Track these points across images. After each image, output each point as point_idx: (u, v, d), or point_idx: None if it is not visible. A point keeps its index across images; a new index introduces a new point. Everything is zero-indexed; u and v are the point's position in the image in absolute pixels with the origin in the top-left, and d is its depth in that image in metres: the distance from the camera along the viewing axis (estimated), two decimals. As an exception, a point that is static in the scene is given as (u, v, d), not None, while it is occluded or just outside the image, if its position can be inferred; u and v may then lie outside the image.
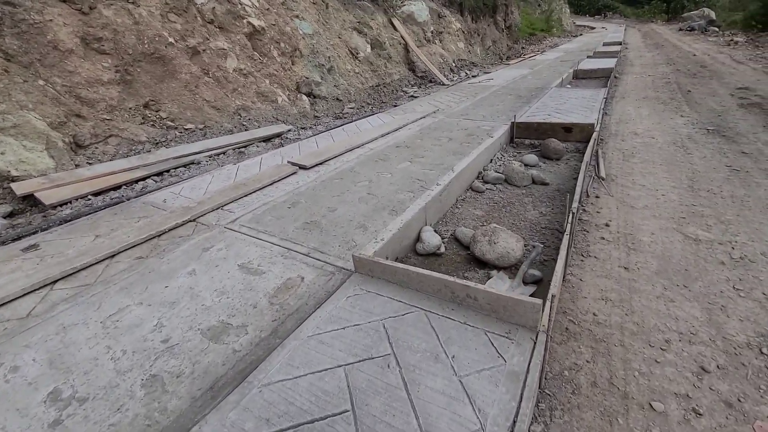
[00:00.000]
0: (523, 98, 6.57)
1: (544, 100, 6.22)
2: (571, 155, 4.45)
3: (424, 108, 6.01)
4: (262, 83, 6.23)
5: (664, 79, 9.05)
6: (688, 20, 27.64)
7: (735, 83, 8.12)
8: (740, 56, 11.88)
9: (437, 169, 3.46)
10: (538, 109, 5.64)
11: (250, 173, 3.48)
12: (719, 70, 9.74)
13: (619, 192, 3.48)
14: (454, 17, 14.40)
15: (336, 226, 2.52)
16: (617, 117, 6.01)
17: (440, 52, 12.46)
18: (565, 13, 34.92)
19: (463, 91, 7.84)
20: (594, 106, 5.61)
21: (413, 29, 11.45)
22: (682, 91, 7.70)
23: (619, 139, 4.97)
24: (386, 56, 9.78)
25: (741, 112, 5.95)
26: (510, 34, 21.14)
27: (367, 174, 3.38)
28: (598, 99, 6.13)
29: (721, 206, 3.14)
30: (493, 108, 5.85)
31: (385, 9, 10.72)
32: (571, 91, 6.93)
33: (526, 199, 3.43)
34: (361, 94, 8.23)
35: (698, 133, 5.03)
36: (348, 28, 9.03)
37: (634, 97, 7.40)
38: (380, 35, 9.82)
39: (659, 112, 6.15)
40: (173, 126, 5.08)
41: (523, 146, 4.80)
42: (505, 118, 5.19)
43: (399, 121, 5.17)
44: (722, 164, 3.99)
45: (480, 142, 4.20)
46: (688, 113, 6.02)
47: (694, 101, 6.77)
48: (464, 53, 14.07)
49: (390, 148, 4.07)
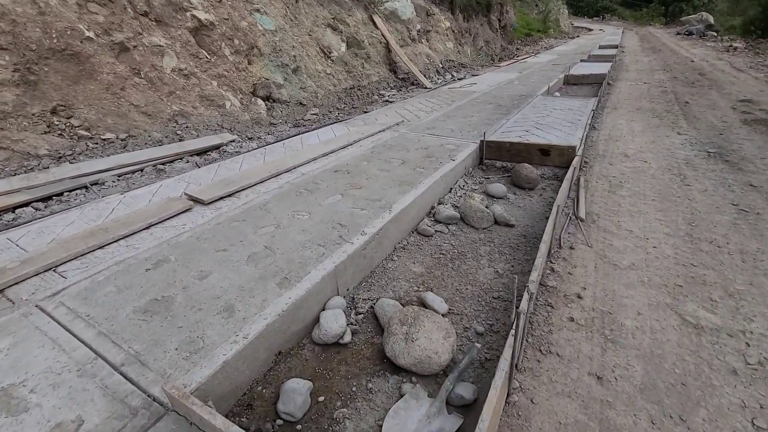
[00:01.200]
0: (503, 108, 5.81)
1: (525, 112, 5.45)
2: (547, 183, 3.69)
3: (389, 118, 5.23)
4: (207, 85, 5.43)
5: (661, 88, 8.30)
6: (687, 24, 26.87)
7: (736, 94, 7.38)
8: (740, 63, 11.14)
9: (372, 207, 2.70)
10: (516, 122, 4.88)
11: (133, 208, 2.70)
12: (719, 79, 8.99)
13: (600, 241, 2.74)
14: (443, 15, 13.57)
15: (193, 307, 1.76)
16: (606, 132, 5.26)
17: (427, 52, 11.65)
18: (563, 14, 34.05)
19: (440, 97, 7.05)
20: (580, 121, 4.85)
21: (397, 27, 10.64)
22: (679, 102, 6.96)
23: (607, 161, 4.22)
24: (364, 56, 8.98)
25: (745, 129, 5.22)
26: (505, 34, 20.31)
27: (279, 214, 2.61)
28: (585, 111, 5.37)
29: (728, 267, 2.41)
30: (466, 120, 5.08)
31: (365, 5, 9.89)
32: (558, 101, 6.17)
33: (482, 249, 2.68)
34: (330, 97, 7.43)
35: (698, 156, 4.29)
36: (321, 25, 8.21)
37: (627, 108, 6.65)
38: (358, 33, 9.01)
39: (654, 128, 5.40)
40: (87, 136, 4.29)
41: (493, 169, 4.05)
42: (477, 133, 4.43)
43: (353, 135, 4.40)
44: (727, 201, 3.25)
45: (438, 166, 3.44)
46: (686, 130, 5.28)
47: (692, 115, 6.02)
48: (453, 54, 13.26)
49: (326, 174, 3.30)
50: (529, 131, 4.43)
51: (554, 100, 6.22)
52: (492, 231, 2.89)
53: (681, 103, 6.84)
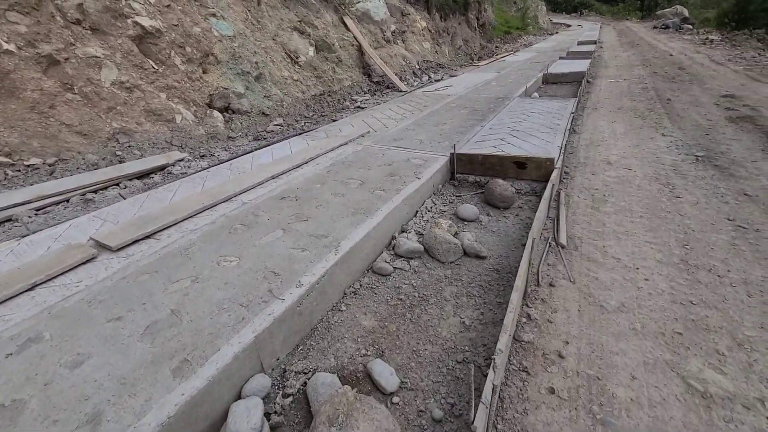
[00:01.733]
0: (479, 113, 5.42)
1: (501, 116, 5.07)
2: (525, 200, 3.31)
3: (354, 129, 4.80)
4: (154, 98, 4.92)
5: (641, 84, 8.04)
6: (663, 18, 27.03)
7: (718, 89, 7.15)
8: (718, 56, 11.00)
9: (316, 246, 2.27)
10: (492, 129, 4.49)
11: (24, 260, 2.22)
12: (699, 73, 8.79)
13: (584, 273, 2.35)
14: (419, 15, 13.20)
15: (47, 417, 1.30)
16: (588, 136, 4.91)
17: (402, 54, 11.25)
18: (542, 11, 34.05)
19: (413, 101, 6.64)
20: (559, 126, 4.49)
21: (370, 29, 10.21)
22: (661, 99, 6.68)
23: (589, 171, 3.86)
24: (335, 60, 8.53)
25: (731, 128, 4.93)
26: (483, 32, 20.05)
27: (202, 261, 2.16)
28: (564, 115, 5.02)
29: (732, 304, 2.04)
30: (438, 129, 4.68)
31: (335, 6, 9.44)
32: (536, 103, 5.81)
33: (448, 290, 2.27)
34: (297, 105, 6.97)
35: (685, 161, 3.96)
36: (287, 29, 7.73)
37: (608, 107, 6.34)
38: (328, 36, 8.55)
39: (636, 129, 5.08)
40: (7, 162, 3.76)
41: (465, 185, 3.65)
42: (448, 144, 4.02)
43: (311, 151, 3.95)
44: (722, 216, 2.90)
45: (401, 187, 3.02)
46: (671, 130, 4.97)
47: (675, 114, 5.73)
48: (430, 54, 12.90)
49: (270, 203, 2.85)
50: (505, 139, 4.04)
51: (532, 103, 5.86)
52: (461, 265, 2.48)
53: (663, 101, 6.56)
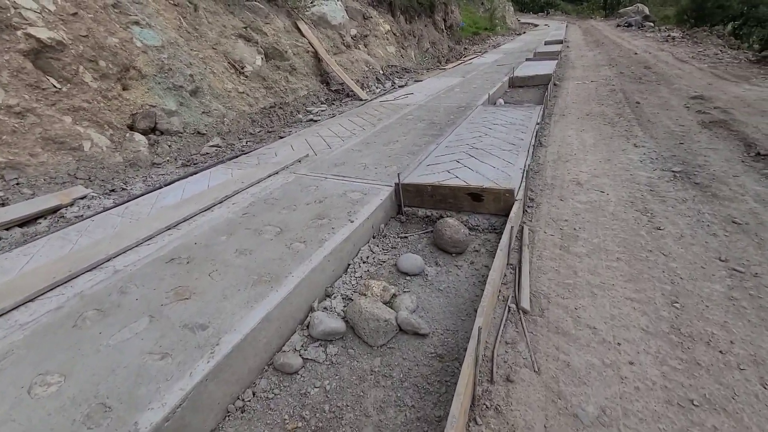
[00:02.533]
0: (437, 126, 4.86)
1: (460, 130, 4.52)
2: (482, 241, 2.74)
3: (293, 153, 4.14)
4: (55, 123, 4.14)
5: (609, 86, 7.68)
6: (625, 16, 27.42)
7: (686, 90, 6.84)
8: (682, 54, 10.87)
9: (186, 346, 1.62)
10: (448, 147, 3.93)
11: None
12: (665, 72, 8.53)
13: (552, 356, 1.79)
14: (382, 18, 12.63)
15: None
16: (555, 149, 4.42)
17: (365, 59, 10.65)
18: (509, 11, 34.14)
19: (368, 113, 6.04)
20: (522, 142, 3.96)
21: (328, 34, 9.56)
22: (630, 102, 6.30)
23: (557, 195, 3.33)
24: (288, 68, 7.84)
25: (705, 135, 4.53)
26: (452, 34, 19.69)
27: (6, 386, 1.48)
28: (529, 126, 4.51)
29: (745, 404, 1.50)
30: (388, 148, 4.08)
31: (287, 10, 8.75)
32: (499, 113, 5.30)
33: (371, 397, 1.66)
34: (242, 121, 6.26)
35: (662, 178, 3.49)
36: (230, 36, 7.00)
37: (576, 113, 5.90)
38: (279, 42, 7.86)
39: (607, 139, 4.62)
40: None
41: (414, 221, 3.06)
42: (396, 168, 3.43)
43: (231, 186, 3.28)
44: (712, 255, 2.40)
45: (327, 236, 2.39)
46: (643, 139, 4.53)
47: (646, 119, 5.32)
48: (395, 58, 12.34)
49: (151, 269, 2.18)
50: (462, 161, 3.48)
51: (495, 112, 5.35)
52: (394, 349, 1.88)
53: (632, 104, 6.17)
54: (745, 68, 8.35)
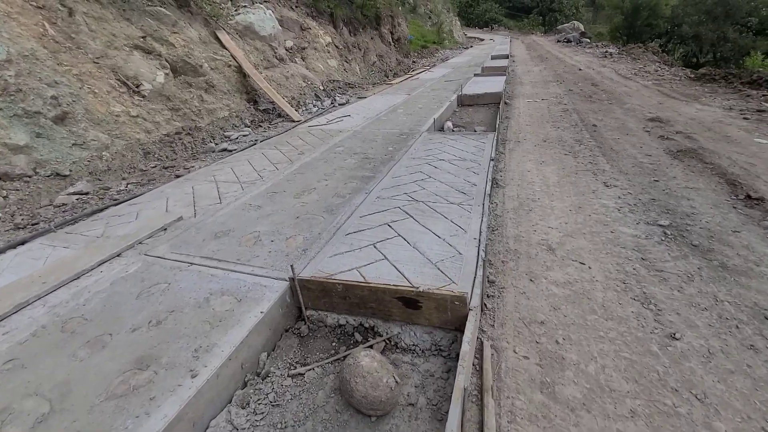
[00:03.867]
0: (371, 163, 3.86)
1: (399, 170, 3.54)
2: (419, 383, 1.72)
3: (168, 210, 2.94)
4: None
5: (561, 105, 7.13)
6: (563, 32, 28.46)
7: (639, 110, 6.39)
8: (624, 70, 10.79)
9: None
10: (380, 199, 2.92)
11: None
12: (613, 90, 8.18)
13: None
14: (323, 30, 11.59)
15: None
16: (514, 191, 3.55)
17: (302, 74, 9.53)
18: (456, 25, 34.53)
19: (292, 143, 4.92)
20: (476, 189, 3.03)
21: (256, 45, 8.35)
22: (586, 125, 5.68)
23: (524, 272, 2.40)
24: (203, 85, 6.55)
25: (679, 169, 3.88)
26: (400, 47, 19.08)
27: None
28: (483, 162, 3.62)
29: None
30: (301, 201, 2.99)
31: (205, 18, 7.46)
32: (446, 143, 4.39)
33: None
34: (131, 153, 4.90)
35: (651, 239, 2.68)
36: (123, 47, 5.62)
37: (532, 139, 5.15)
38: (191, 55, 6.56)
39: (572, 175, 3.84)
40: None
41: (322, 333, 1.99)
42: (305, 238, 2.35)
43: (29, 284, 2.04)
44: (757, 395, 1.55)
45: (135, 425, 1.25)
46: (612, 176, 3.79)
47: (608, 147, 4.65)
48: (338, 72, 11.33)
49: None
50: (395, 225, 2.47)
51: (442, 141, 4.44)
52: None
53: (589, 127, 5.55)
54: (688, 86, 8.19)
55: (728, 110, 6.01)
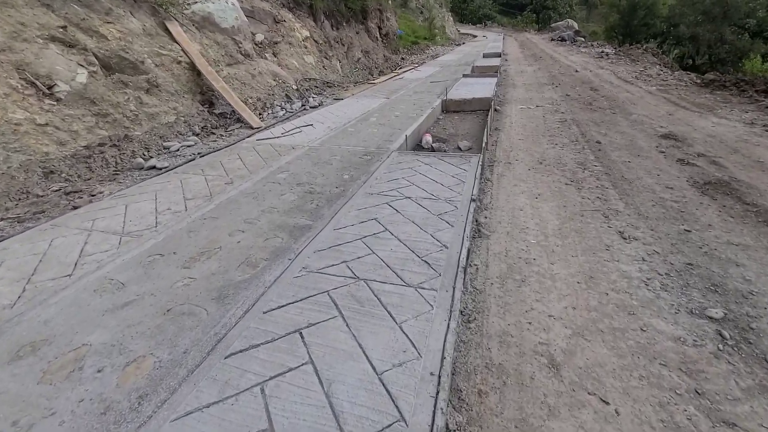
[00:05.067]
0: (315, 200, 2.90)
1: (346, 217, 2.58)
2: None
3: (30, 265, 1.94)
4: None
5: (557, 114, 6.21)
6: (557, 30, 27.52)
7: (648, 122, 5.49)
8: (624, 73, 9.90)
9: None
10: (306, 270, 1.96)
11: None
12: (615, 97, 7.28)
13: None
14: (300, 23, 10.49)
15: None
16: (502, 245, 2.62)
17: (273, 71, 8.48)
18: (449, 21, 33.38)
19: (224, 165, 3.90)
20: (444, 261, 2.10)
21: (217, 39, 7.27)
22: (589, 142, 4.77)
23: (514, 422, 1.50)
24: (144, 85, 5.49)
25: (714, 212, 2.98)
26: (388, 43, 17.97)
27: None
28: (461, 207, 2.68)
29: None
30: (189, 274, 2.03)
31: (153, 6, 6.37)
32: (418, 169, 3.43)
33: None
34: (28, 174, 3.87)
35: (700, 345, 1.78)
36: (35, 39, 4.55)
37: (526, 159, 4.22)
38: (130, 49, 5.49)
39: (577, 219, 2.93)
40: None
41: None
42: (157, 366, 1.41)
43: None
44: None
45: None
46: (629, 221, 2.88)
47: (619, 174, 3.74)
48: (316, 70, 10.27)
49: None
50: (312, 335, 1.53)
51: (414, 165, 3.49)
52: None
53: (592, 145, 4.64)
54: (697, 93, 7.32)
55: (750, 125, 5.14)
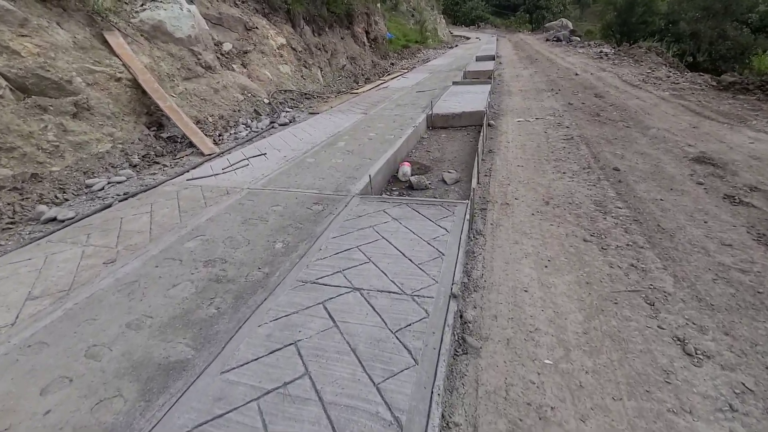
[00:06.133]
0: (221, 294, 1.95)
1: (260, 326, 1.63)
2: None
3: None
4: None
5: (562, 129, 5.26)
6: (552, 30, 26.63)
7: (671, 138, 4.55)
8: (629, 76, 8.97)
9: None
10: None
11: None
12: (624, 105, 6.34)
13: None
14: (275, 29, 9.54)
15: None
16: (499, 368, 1.66)
17: (242, 84, 7.53)
18: (441, 23, 32.49)
19: (132, 222, 2.94)
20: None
21: (171, 51, 6.32)
22: (605, 170, 3.82)
23: None
24: (69, 108, 4.54)
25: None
26: (377, 48, 17.04)
27: None
28: (438, 300, 1.73)
29: None
30: None
31: (89, 15, 5.42)
32: (382, 231, 2.48)
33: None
34: None
35: None
36: None
37: (529, 200, 3.27)
38: (52, 66, 4.54)
39: (610, 312, 1.97)
40: None
41: None
42: None
43: None
44: None
45: None
46: (684, 311, 1.93)
47: (653, 222, 2.79)
48: (293, 80, 9.32)
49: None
50: None
51: (375, 224, 2.53)
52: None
53: (609, 174, 3.69)
54: (718, 99, 6.39)
55: (796, 141, 4.20)
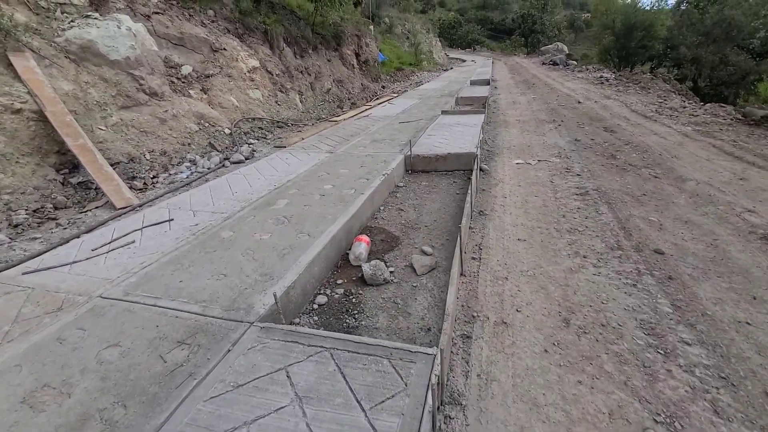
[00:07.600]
0: None
1: None
2: None
3: None
4: None
5: (571, 177, 4.13)
6: (548, 53, 26.08)
7: (717, 197, 3.40)
8: (637, 105, 7.94)
9: None
10: None
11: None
12: (642, 144, 5.24)
13: None
14: (247, 51, 8.54)
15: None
16: None
17: (199, 112, 6.45)
18: (437, 46, 32.06)
19: None
20: None
21: (104, 75, 5.23)
22: (641, 252, 2.65)
23: None
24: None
25: None
26: (367, 70, 16.20)
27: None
28: None
29: None
30: None
31: (-12, 32, 4.35)
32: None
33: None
34: None
35: None
36: None
37: (537, 311, 2.09)
38: None
39: None
40: None
41: None
42: None
43: None
44: None
45: None
46: None
47: (761, 390, 1.63)
48: (264, 106, 8.26)
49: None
50: None
51: (258, 414, 1.34)
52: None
53: (652, 264, 2.52)
54: (751, 136, 5.31)
55: None
